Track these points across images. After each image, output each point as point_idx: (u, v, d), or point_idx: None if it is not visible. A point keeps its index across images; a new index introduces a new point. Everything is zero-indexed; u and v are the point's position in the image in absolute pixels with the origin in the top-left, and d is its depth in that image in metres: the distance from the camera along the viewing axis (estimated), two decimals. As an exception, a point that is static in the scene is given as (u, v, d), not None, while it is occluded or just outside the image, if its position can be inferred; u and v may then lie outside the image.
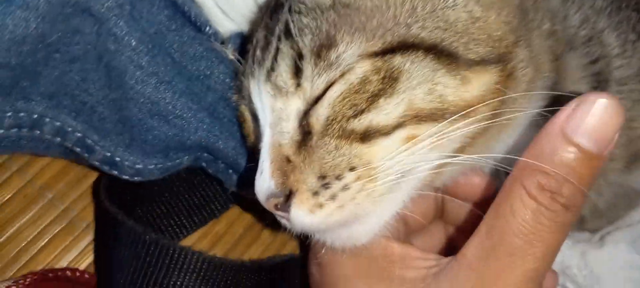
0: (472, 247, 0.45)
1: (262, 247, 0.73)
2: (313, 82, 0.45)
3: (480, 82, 0.45)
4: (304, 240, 0.51)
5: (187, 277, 0.58)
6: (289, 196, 0.45)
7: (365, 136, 0.44)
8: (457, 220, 0.57)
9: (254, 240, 0.73)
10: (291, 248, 0.74)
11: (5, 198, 0.68)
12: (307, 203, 0.45)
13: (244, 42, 0.60)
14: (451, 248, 0.57)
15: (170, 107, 0.56)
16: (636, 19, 0.62)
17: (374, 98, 0.44)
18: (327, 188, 0.45)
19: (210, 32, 0.58)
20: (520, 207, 0.42)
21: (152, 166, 0.60)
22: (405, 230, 0.54)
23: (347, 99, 0.44)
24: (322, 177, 0.45)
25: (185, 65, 0.57)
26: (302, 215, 0.45)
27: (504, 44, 0.46)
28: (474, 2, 0.46)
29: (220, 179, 0.66)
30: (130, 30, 0.52)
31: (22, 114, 0.57)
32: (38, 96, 0.56)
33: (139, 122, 0.56)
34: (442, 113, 0.44)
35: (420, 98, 0.44)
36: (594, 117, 0.41)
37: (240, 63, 0.56)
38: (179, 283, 0.57)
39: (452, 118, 0.44)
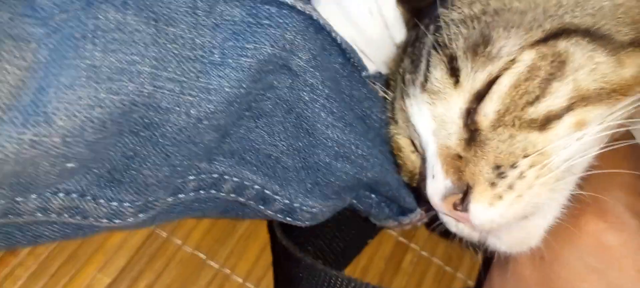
0: None
1: (406, 278, 0.76)
2: (474, 78, 0.46)
3: (634, 63, 0.46)
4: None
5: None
6: (466, 192, 0.46)
7: (543, 122, 0.45)
8: None
9: (396, 271, 0.76)
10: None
11: (164, 267, 0.68)
12: (487, 195, 0.45)
13: (385, 81, 0.64)
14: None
15: (353, 148, 0.58)
16: None
17: (546, 82, 0.45)
18: (503, 177, 0.45)
19: (365, 75, 0.61)
20: None
21: (326, 209, 0.62)
22: None
23: (518, 89, 0.45)
24: (497, 166, 0.45)
25: (355, 107, 0.60)
26: (482, 210, 0.45)
27: None
28: None
29: (369, 213, 0.69)
30: (323, 80, 0.55)
31: (203, 176, 0.58)
32: (221, 156, 0.58)
33: (325, 165, 0.58)
34: (606, 94, 0.45)
35: (583, 79, 0.45)
36: None
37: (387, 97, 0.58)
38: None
39: (616, 98, 0.45)
